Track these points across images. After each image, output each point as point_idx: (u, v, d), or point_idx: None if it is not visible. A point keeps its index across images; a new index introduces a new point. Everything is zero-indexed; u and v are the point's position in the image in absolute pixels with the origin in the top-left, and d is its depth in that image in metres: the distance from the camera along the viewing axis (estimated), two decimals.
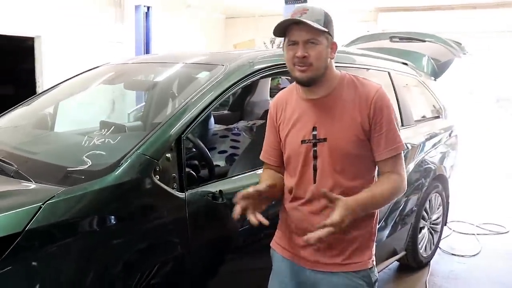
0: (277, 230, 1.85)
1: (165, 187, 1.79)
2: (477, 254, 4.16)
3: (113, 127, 2.20)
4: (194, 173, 2.02)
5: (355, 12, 8.80)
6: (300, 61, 1.56)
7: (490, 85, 10.23)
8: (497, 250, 4.25)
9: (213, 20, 10.41)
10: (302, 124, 1.67)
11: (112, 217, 1.67)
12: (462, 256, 4.10)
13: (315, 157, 1.64)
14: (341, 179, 1.63)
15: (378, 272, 2.42)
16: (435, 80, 4.51)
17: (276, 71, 2.44)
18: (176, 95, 2.36)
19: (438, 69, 4.53)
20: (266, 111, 4.39)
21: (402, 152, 1.66)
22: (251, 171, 2.22)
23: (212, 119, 3.59)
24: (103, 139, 2.04)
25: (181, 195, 1.84)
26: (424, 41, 4.61)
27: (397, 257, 3.41)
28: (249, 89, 4.62)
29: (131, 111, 4.80)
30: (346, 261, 1.67)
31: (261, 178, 1.82)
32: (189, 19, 9.44)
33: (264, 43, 10.24)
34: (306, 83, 1.62)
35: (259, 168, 2.20)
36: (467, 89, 10.26)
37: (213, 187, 1.98)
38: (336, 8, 8.14)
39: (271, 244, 1.86)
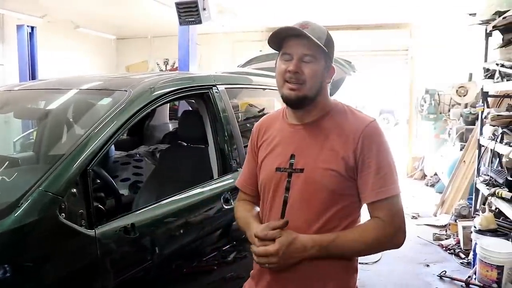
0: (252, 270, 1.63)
1: (73, 225, 1.65)
2: (378, 260, 4.40)
3: (7, 162, 2.00)
4: (102, 207, 1.90)
5: (248, 33, 9.02)
6: (292, 76, 1.41)
7: (375, 99, 11.15)
8: (396, 255, 4.51)
9: (104, 41, 10.05)
10: (280, 150, 1.52)
11: (11, 266, 1.49)
12: (366, 263, 4.30)
13: (287, 189, 1.46)
14: (312, 218, 1.43)
15: None
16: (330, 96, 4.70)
17: (179, 96, 2.40)
18: (74, 123, 2.21)
19: (332, 87, 4.74)
20: (167, 135, 4.37)
21: (398, 196, 1.43)
22: (160, 200, 2.12)
23: (112, 146, 3.43)
24: None
25: (90, 232, 1.71)
26: None
27: None
28: (148, 113, 4.50)
29: (17, 139, 4.43)
30: None
31: (239, 214, 1.65)
32: (78, 40, 9.03)
33: (158, 64, 10.12)
34: (294, 103, 1.46)
35: (170, 197, 2.13)
36: (360, 103, 11.02)
37: (124, 221, 1.87)
38: (230, 29, 8.30)
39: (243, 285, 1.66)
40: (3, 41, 7.35)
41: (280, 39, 1.46)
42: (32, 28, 7.15)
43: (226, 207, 2.38)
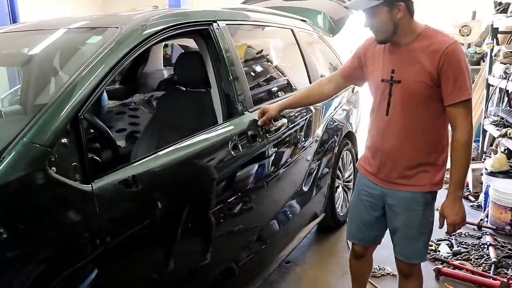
0: (363, 153, 2.28)
1: (66, 180, 1.43)
2: None
3: None
4: (98, 158, 1.68)
5: None
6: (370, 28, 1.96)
7: None
8: None
9: None
10: (383, 66, 2.01)
11: None
12: None
13: (390, 94, 1.98)
14: (408, 115, 1.96)
15: (302, 239, 3.07)
16: (332, 36, 4.45)
17: (176, 33, 2.11)
18: (61, 68, 1.93)
19: (335, 26, 4.47)
20: (162, 82, 4.10)
21: (470, 100, 1.90)
22: (161, 149, 1.89)
23: (105, 95, 3.16)
24: None
25: (87, 187, 1.49)
26: None
27: (318, 220, 3.34)
28: (141, 59, 4.20)
29: (4, 95, 4.15)
30: (409, 182, 2.04)
31: (308, 87, 2.57)
32: None
33: None
34: (380, 43, 2.00)
35: (171, 145, 1.91)
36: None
37: (123, 173, 1.65)
38: None
39: (356, 165, 2.41)
40: None
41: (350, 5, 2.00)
42: None
43: (234, 153, 2.17)
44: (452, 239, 3.58)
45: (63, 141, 1.46)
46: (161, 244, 1.84)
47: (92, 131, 2.02)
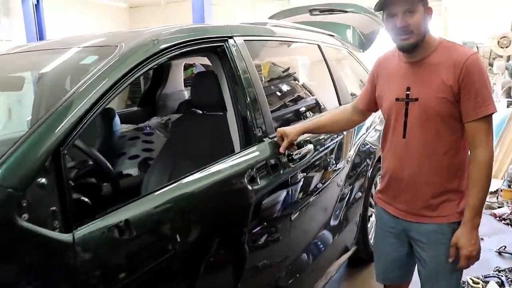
0: (380, 183, 2.05)
1: (40, 229, 1.18)
2: None
3: None
4: (86, 199, 1.43)
5: None
6: (401, 30, 1.67)
7: None
8: None
9: (115, 10, 9.53)
10: (398, 84, 1.82)
11: None
12: None
13: (406, 115, 1.79)
14: (428, 138, 1.76)
15: (332, 275, 2.75)
16: (363, 51, 4.16)
17: (180, 52, 1.86)
18: (48, 92, 1.71)
19: (365, 40, 4.19)
20: (182, 103, 3.88)
21: (490, 116, 1.71)
22: (162, 187, 1.60)
23: (117, 119, 2.95)
24: None
25: (66, 237, 1.23)
26: (346, 11, 4.26)
27: (349, 253, 3.02)
28: (159, 79, 4.00)
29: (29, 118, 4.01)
30: (434, 213, 1.82)
31: (332, 113, 2.35)
32: (88, 10, 8.52)
33: None
34: (410, 50, 1.74)
35: (174, 182, 1.65)
36: None
37: (115, 217, 1.37)
38: None
39: (373, 197, 2.28)
40: (9, 15, 6.89)
41: (382, 2, 1.70)
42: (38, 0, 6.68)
43: (251, 187, 1.89)
44: (501, 275, 3.18)
45: (39, 181, 1.22)
46: None
47: (83, 163, 1.77)
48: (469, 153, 1.78)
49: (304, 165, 2.30)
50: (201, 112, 2.62)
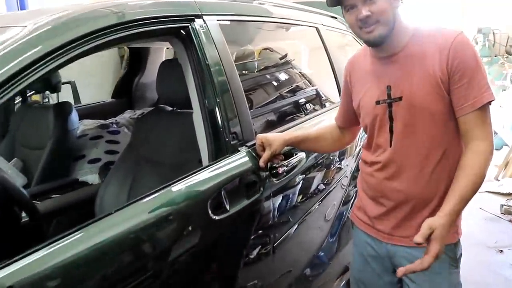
0: (356, 199, 1.78)
1: None
2: None
3: None
4: None
5: None
6: (364, 21, 1.40)
7: None
8: None
9: None
10: (375, 84, 1.55)
11: None
12: None
13: (391, 119, 1.52)
14: (419, 144, 1.49)
15: None
16: None
17: (120, 35, 1.36)
18: None
19: None
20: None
21: (489, 105, 1.43)
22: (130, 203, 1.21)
23: (74, 115, 2.48)
24: None
25: None
26: None
27: (348, 275, 2.56)
28: (137, 66, 3.52)
29: None
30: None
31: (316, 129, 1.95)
32: None
33: None
34: (379, 42, 1.46)
35: (147, 196, 1.20)
36: None
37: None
38: None
39: (350, 216, 1.81)
40: None
41: None
42: None
43: (215, 217, 1.42)
44: None
45: None
46: None
47: None
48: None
49: (292, 179, 1.84)
50: (170, 109, 2.15)
